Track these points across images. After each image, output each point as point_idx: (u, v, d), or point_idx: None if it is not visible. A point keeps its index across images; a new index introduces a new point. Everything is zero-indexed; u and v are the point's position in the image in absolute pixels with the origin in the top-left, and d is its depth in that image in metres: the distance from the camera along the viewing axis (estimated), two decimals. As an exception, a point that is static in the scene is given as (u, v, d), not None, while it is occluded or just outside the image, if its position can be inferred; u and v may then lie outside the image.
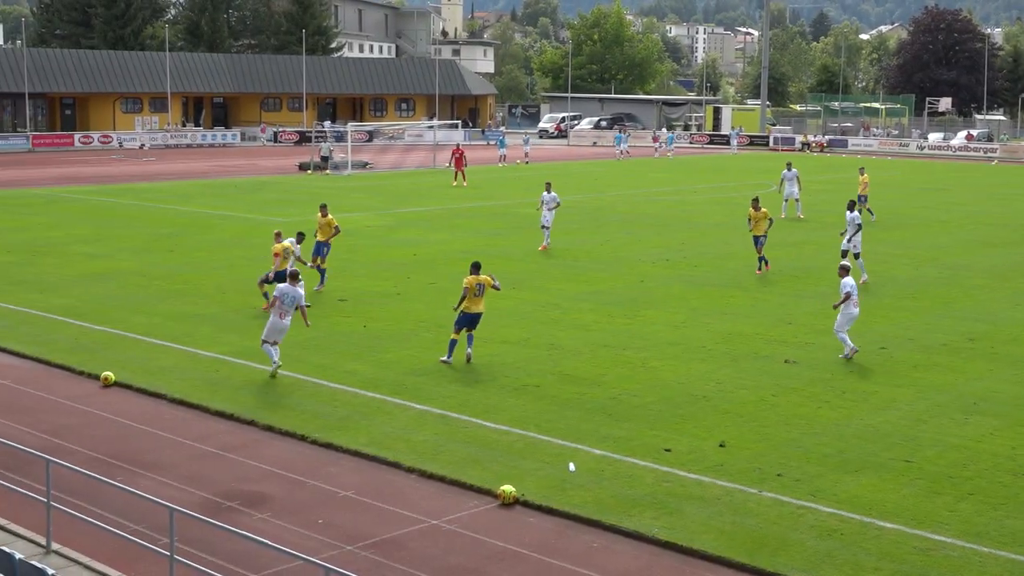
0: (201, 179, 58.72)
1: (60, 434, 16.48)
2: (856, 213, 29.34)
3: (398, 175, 62.90)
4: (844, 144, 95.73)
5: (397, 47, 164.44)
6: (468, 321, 20.19)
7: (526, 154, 73.37)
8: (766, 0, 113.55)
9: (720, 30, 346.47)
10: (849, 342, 20.66)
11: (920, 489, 14.25)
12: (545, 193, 34.73)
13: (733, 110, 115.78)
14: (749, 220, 30.76)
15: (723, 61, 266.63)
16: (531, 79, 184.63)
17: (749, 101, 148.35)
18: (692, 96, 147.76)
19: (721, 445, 15.82)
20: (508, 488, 13.96)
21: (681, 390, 18.64)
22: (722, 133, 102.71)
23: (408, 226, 39.76)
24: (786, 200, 43.28)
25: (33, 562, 9.92)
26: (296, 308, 19.19)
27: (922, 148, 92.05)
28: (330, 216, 27.79)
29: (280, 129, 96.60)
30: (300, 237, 25.88)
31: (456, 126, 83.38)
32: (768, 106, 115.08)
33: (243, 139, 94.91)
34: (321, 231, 27.62)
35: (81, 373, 19.72)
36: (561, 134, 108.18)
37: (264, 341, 19.14)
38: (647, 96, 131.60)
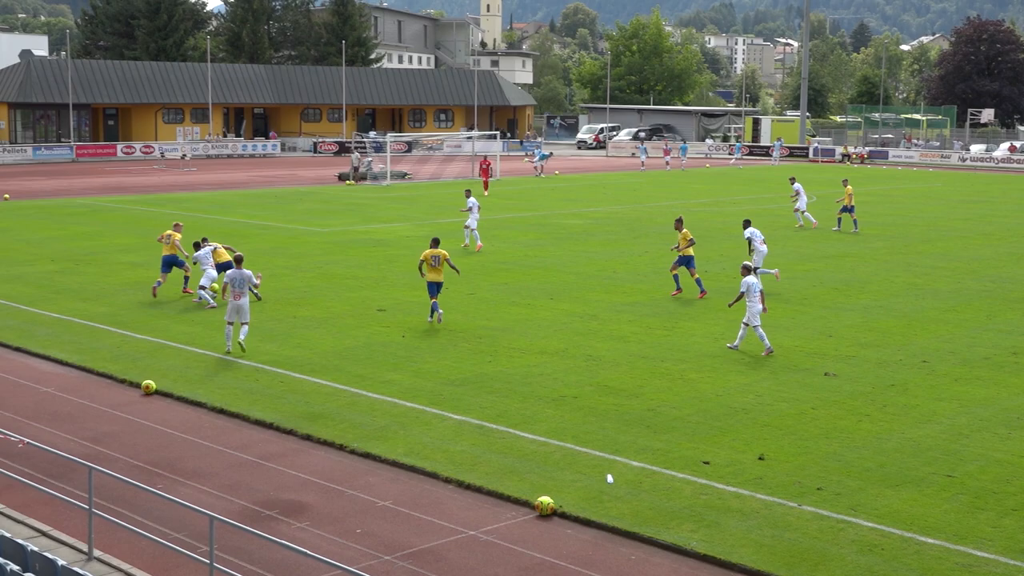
0: (242, 189, 59.13)
1: (102, 441, 16.61)
2: (754, 230, 29.24)
3: (437, 186, 63.05)
4: (885, 156, 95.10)
5: (436, 58, 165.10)
6: (433, 288, 24.43)
7: (537, 167, 71.39)
8: (806, 11, 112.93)
9: (759, 41, 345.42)
10: (757, 337, 21.98)
11: (962, 504, 14.09)
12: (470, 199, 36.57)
13: (773, 121, 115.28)
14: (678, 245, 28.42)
15: (762, 72, 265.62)
16: (569, 90, 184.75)
17: (789, 112, 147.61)
18: (731, 107, 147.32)
19: (760, 458, 15.72)
20: (546, 499, 13.93)
21: (720, 402, 18.54)
22: (762, 144, 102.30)
23: (446, 237, 39.66)
24: (797, 211, 43.88)
25: (76, 568, 10.00)
26: (250, 287, 22.13)
27: (964, 160, 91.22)
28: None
29: (320, 139, 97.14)
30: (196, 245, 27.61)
31: (494, 137, 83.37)
32: (808, 117, 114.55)
33: (283, 149, 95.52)
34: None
35: (123, 381, 19.88)
36: (599, 145, 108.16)
37: (227, 323, 21.61)
38: (686, 107, 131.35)
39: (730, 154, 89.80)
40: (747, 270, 22.23)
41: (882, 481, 14.86)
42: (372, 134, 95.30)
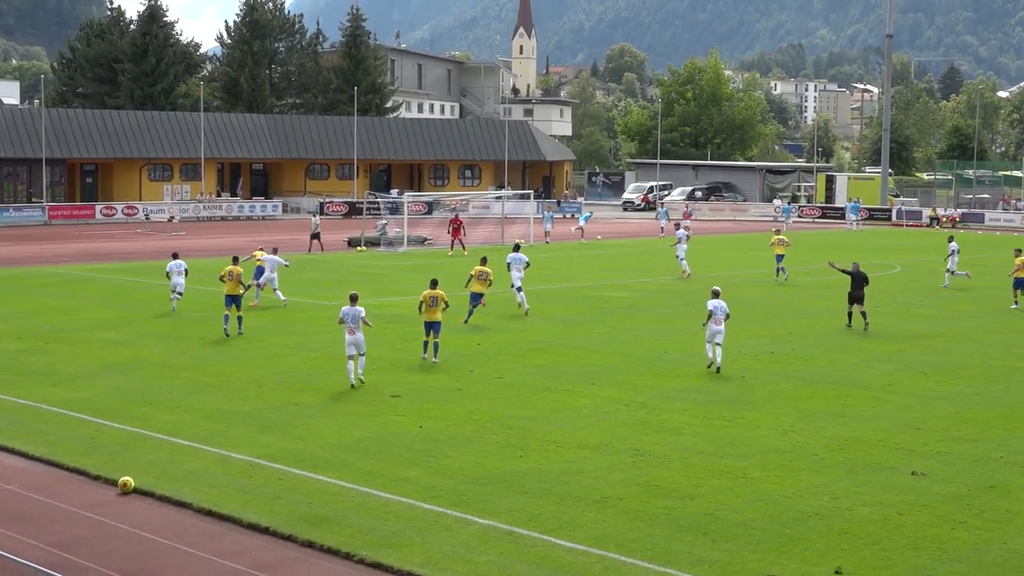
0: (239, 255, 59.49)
1: (71, 548, 16.61)
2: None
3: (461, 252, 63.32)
4: (980, 219, 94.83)
5: (461, 106, 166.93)
6: (429, 327, 29.85)
7: (546, 233, 71.41)
8: (888, 52, 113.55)
9: (833, 87, 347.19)
10: (709, 355, 29.24)
11: (1076, 628, 13.86)
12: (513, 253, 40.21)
13: (849, 179, 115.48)
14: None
15: (837, 122, 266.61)
16: (614, 143, 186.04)
17: (868, 168, 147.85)
18: (801, 163, 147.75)
19: (837, 572, 15.55)
20: (585, 619, 13.81)
21: (789, 506, 18.38)
22: (836, 206, 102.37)
23: (474, 312, 39.92)
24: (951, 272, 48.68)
25: None
26: (361, 322, 27.02)
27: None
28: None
29: (327, 200, 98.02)
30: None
31: (528, 196, 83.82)
32: (890, 174, 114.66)
33: (285, 211, 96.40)
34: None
35: (97, 478, 19.91)
36: (649, 206, 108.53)
37: (348, 358, 26.88)
38: (749, 163, 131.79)
39: (776, 217, 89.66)
40: (715, 294, 29.58)
41: (981, 600, 14.65)
42: (395, 192, 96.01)
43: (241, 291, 34.87)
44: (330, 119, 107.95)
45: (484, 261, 33.13)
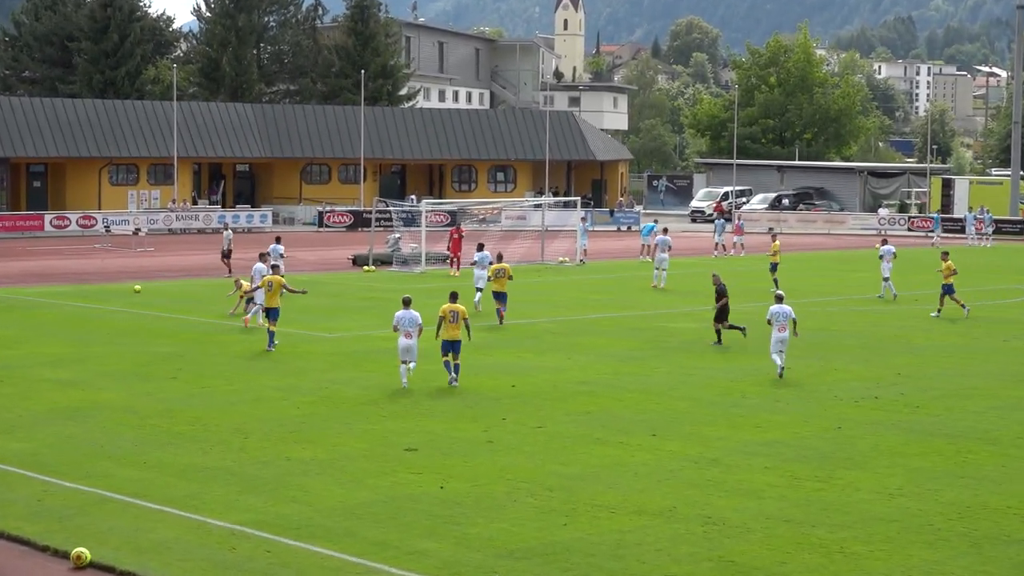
0: (215, 277, 59.66)
1: (13, 635, 16.63)
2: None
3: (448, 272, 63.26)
4: None
5: (492, 94, 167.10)
6: (449, 347, 32.21)
7: (584, 251, 71.46)
8: (1018, 26, 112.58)
9: (951, 70, 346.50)
10: (778, 362, 33.53)
11: None
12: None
13: (971, 183, 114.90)
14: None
15: (956, 113, 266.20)
16: (680, 139, 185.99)
17: (995, 171, 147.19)
18: (911, 163, 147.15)
19: (957, 670, 15.42)
20: None
21: (897, 588, 18.26)
22: (956, 216, 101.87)
23: (506, 346, 39.92)
24: None
25: None
26: (418, 329, 31.98)
27: None
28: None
29: (328, 208, 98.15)
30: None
31: (574, 204, 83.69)
32: (1022, 177, 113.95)
33: (276, 221, 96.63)
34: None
35: (44, 549, 19.93)
36: (724, 216, 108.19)
37: (402, 362, 31.81)
38: (846, 164, 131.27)
39: (880, 231, 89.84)
40: (779, 299, 34.73)
41: None
42: (411, 199, 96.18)
43: (279, 299, 38.54)
44: (331, 110, 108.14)
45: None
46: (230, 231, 63.79)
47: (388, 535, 20.40)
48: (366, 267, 65.49)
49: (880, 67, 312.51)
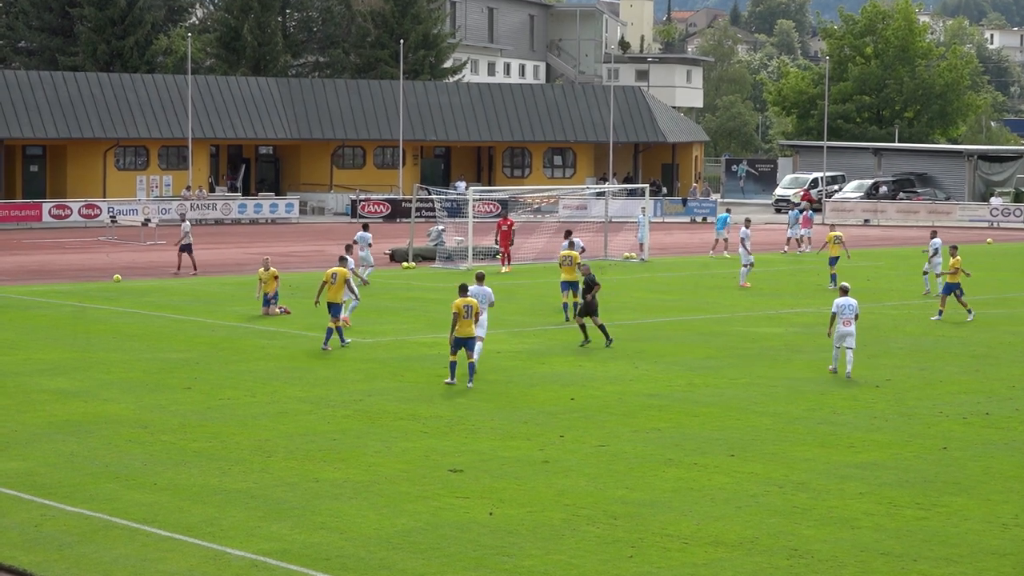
0: (235, 274, 59.86)
1: None
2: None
3: (547, 269, 63.19)
4: None
5: (549, 66, 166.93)
6: (462, 344, 33.30)
7: (641, 246, 71.43)
8: None
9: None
10: (834, 360, 35.90)
11: None
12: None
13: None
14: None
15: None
16: (763, 117, 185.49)
17: None
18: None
19: None
20: None
21: (1012, 632, 18.13)
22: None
23: (564, 353, 39.87)
24: None
25: None
26: (489, 304, 35.44)
27: None
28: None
29: (362, 196, 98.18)
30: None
31: (643, 192, 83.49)
32: None
33: (304, 211, 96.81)
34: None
35: (42, 581, 20.02)
36: (813, 206, 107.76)
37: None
38: (954, 146, 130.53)
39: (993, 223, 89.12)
40: (844, 291, 36.40)
41: None
42: (458, 186, 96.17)
43: (342, 294, 40.31)
44: (366, 84, 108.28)
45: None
46: (188, 223, 63.31)
47: (429, 567, 20.37)
48: (405, 263, 65.57)
49: (992, 35, 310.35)
